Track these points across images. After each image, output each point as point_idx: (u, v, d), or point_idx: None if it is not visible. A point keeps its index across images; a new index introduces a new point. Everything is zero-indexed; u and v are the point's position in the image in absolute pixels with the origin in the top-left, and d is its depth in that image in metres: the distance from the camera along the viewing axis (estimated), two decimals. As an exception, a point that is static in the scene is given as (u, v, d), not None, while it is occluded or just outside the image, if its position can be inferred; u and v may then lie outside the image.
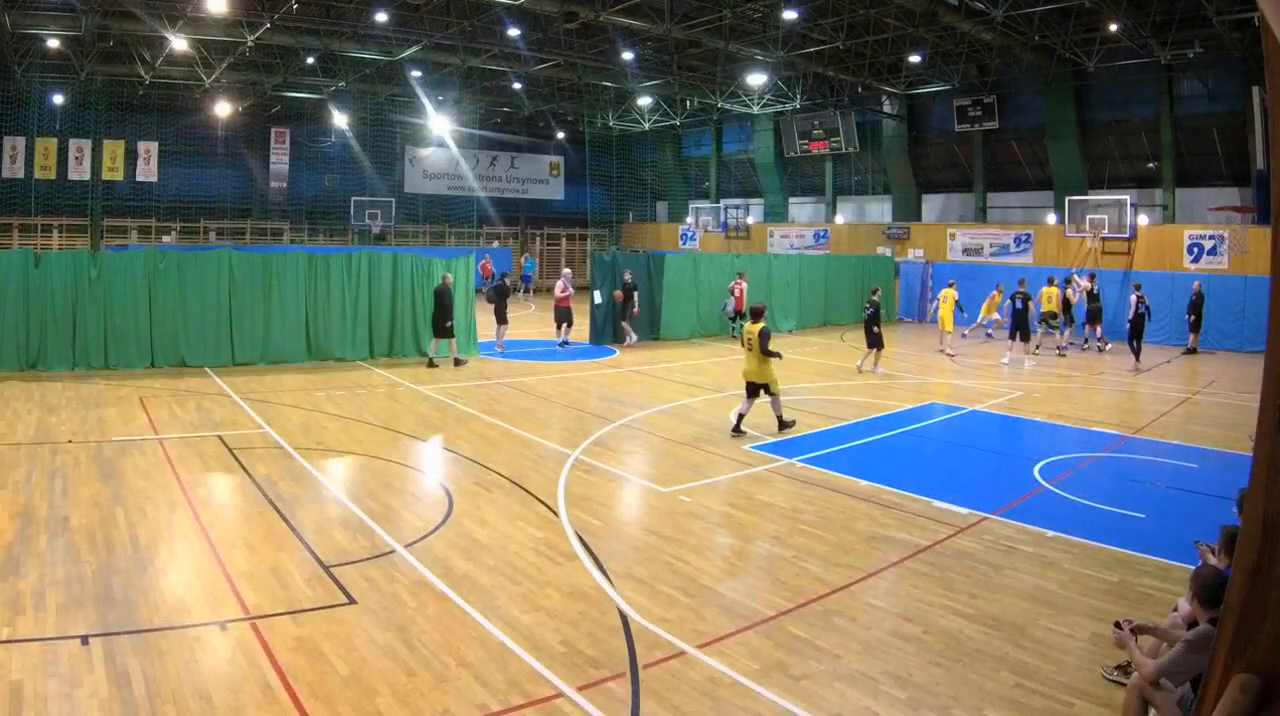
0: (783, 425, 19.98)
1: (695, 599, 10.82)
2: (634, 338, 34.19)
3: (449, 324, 28.06)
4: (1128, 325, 32.53)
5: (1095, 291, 36.43)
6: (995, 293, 37.42)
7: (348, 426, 19.85)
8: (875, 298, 29.55)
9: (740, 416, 19.78)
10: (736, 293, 38.14)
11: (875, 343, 28.73)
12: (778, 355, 19.48)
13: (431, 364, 28.22)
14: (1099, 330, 36.22)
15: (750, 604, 10.71)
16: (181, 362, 26.61)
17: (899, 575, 11.79)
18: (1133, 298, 32.64)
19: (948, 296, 35.17)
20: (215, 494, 14.77)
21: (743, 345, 20.17)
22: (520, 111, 62.93)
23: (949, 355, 32.91)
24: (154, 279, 26.48)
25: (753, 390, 19.71)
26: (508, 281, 32.67)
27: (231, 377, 25.36)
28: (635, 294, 34.36)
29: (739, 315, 37.21)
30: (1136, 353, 32.06)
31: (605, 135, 68.50)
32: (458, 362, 28.51)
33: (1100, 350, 36.04)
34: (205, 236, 58.31)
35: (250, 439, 18.29)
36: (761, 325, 19.44)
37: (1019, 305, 32.11)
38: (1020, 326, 31.96)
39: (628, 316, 34.02)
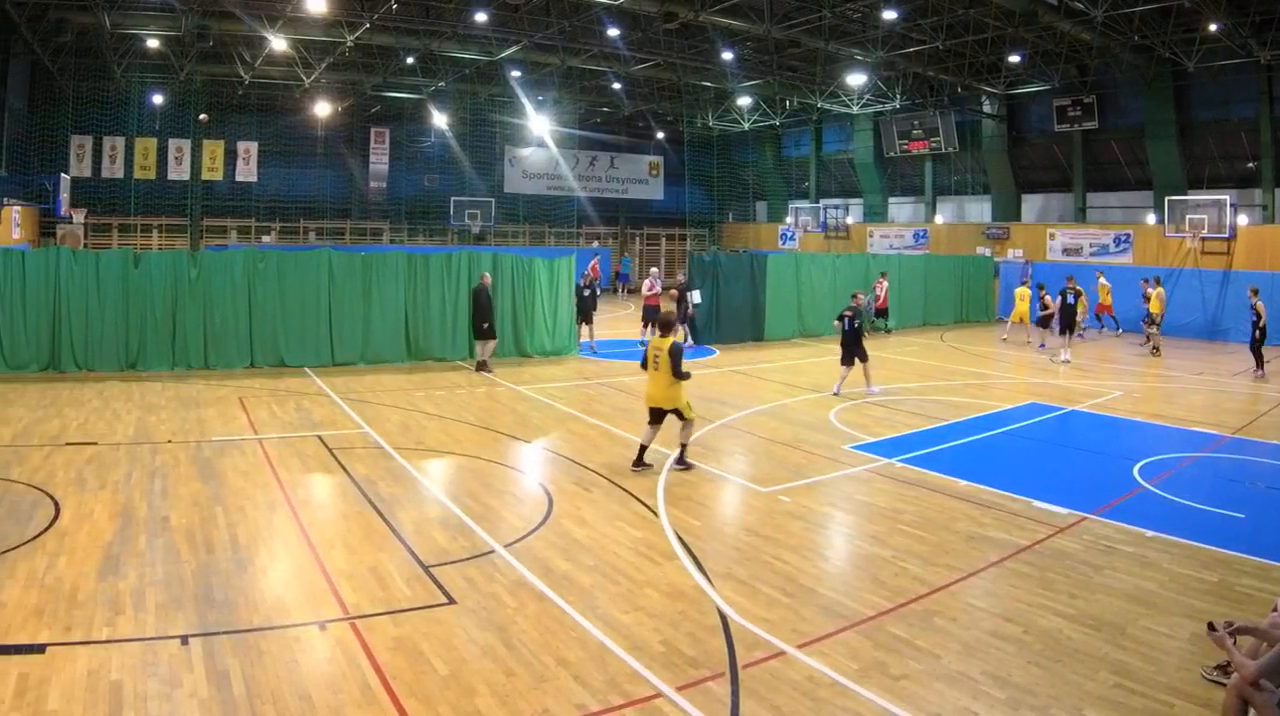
0: (683, 459, 16.79)
1: (795, 598, 10.85)
2: (689, 341, 33.73)
3: (486, 325, 27.58)
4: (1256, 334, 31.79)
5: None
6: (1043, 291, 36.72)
7: (447, 426, 19.99)
8: (856, 303, 25.47)
9: (643, 448, 16.64)
10: (880, 292, 38.30)
11: (855, 357, 24.76)
12: (688, 376, 16.38)
13: (481, 367, 27.74)
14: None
15: (850, 603, 10.73)
16: (281, 363, 27.01)
17: (998, 575, 11.78)
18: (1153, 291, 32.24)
19: (1024, 294, 35.55)
20: (315, 494, 14.94)
21: (645, 365, 16.83)
22: (620, 111, 63.24)
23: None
24: (253, 279, 26.89)
25: (657, 416, 16.62)
26: (585, 282, 32.49)
27: (331, 378, 25.68)
28: (691, 294, 34.14)
29: (881, 313, 37.35)
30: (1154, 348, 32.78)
31: (705, 135, 68.53)
32: (480, 366, 27.79)
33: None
34: (305, 236, 59.31)
35: (350, 439, 18.49)
36: (672, 341, 16.37)
37: (1070, 300, 32.08)
38: (1068, 321, 31.91)
39: (683, 317, 33.68)
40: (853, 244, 59.81)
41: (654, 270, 35.91)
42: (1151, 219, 45.97)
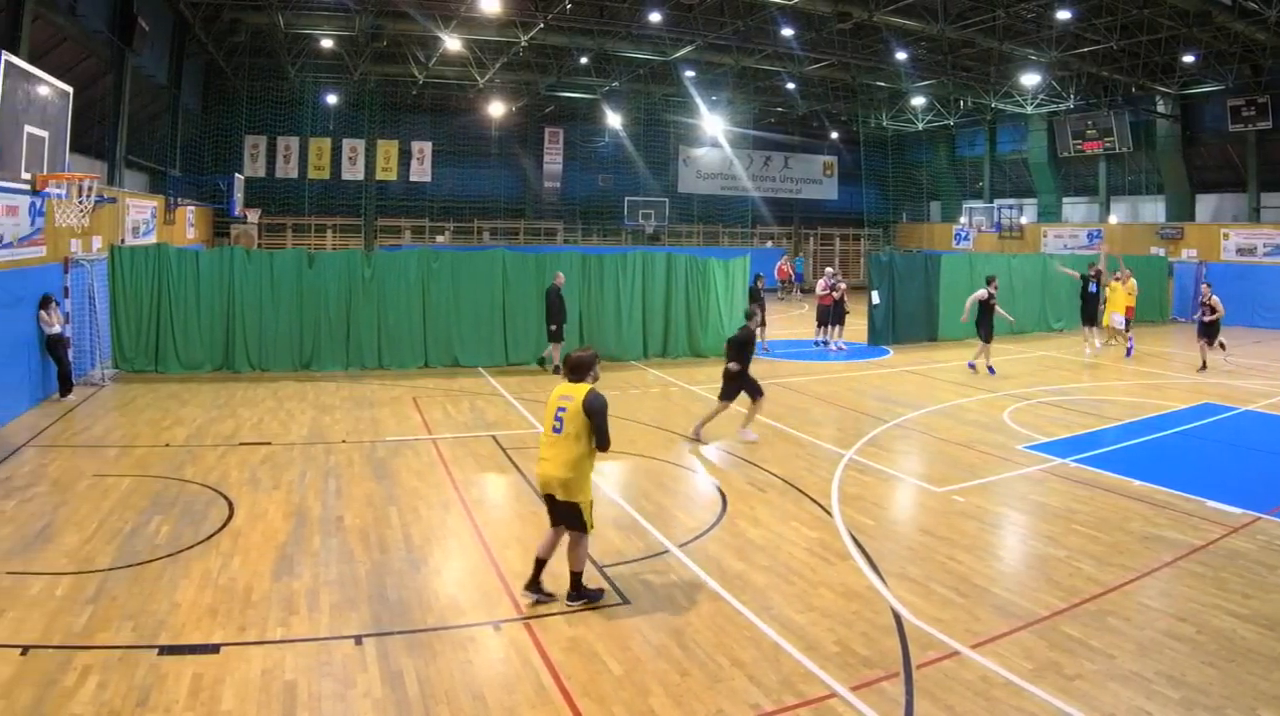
0: (580, 589, 10.67)
1: (968, 598, 10.93)
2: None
3: (554, 327, 26.79)
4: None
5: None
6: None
7: (621, 426, 19.77)
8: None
9: (539, 563, 10.73)
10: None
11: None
12: (606, 445, 10.59)
13: (552, 368, 27.05)
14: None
15: (1024, 603, 10.81)
16: (455, 363, 27.40)
17: (1172, 575, 11.79)
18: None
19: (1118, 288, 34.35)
20: (489, 494, 15.10)
21: (547, 426, 10.77)
22: (794, 111, 63.10)
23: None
24: (427, 279, 27.32)
25: (560, 511, 10.67)
26: (760, 284, 32.19)
27: (505, 377, 25.97)
28: (871, 294, 33.79)
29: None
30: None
31: (879, 135, 67.94)
32: (541, 362, 27.61)
33: None
34: (479, 236, 60.23)
35: (524, 439, 18.61)
36: (588, 388, 10.58)
37: (1092, 288, 31.52)
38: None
39: (839, 316, 33.21)
40: (1027, 244, 59.27)
41: (829, 270, 35.67)
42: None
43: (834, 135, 68.00)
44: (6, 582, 10.65)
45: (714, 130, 62.27)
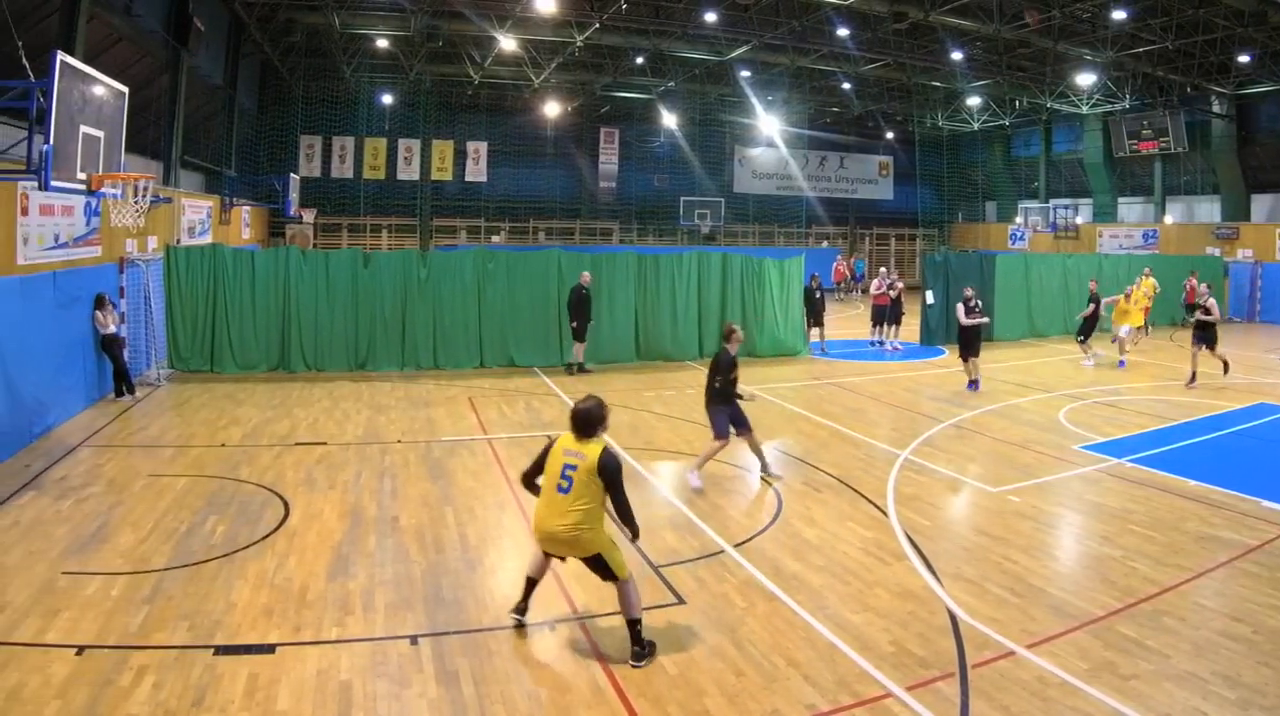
0: (641, 643, 9.24)
1: (1024, 598, 10.96)
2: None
3: (574, 325, 26.92)
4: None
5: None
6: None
7: (676, 426, 20.13)
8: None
9: (530, 582, 9.98)
10: (1188, 287, 37.94)
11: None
12: (634, 528, 9.79)
13: (580, 369, 27.07)
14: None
15: (1079, 603, 10.82)
16: (510, 362, 27.52)
17: (1228, 575, 11.79)
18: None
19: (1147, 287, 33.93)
20: (545, 494, 15.02)
21: (530, 477, 10.15)
22: (849, 111, 63.24)
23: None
24: (483, 279, 27.45)
25: (600, 565, 9.44)
26: (815, 283, 32.13)
27: (560, 378, 26.08)
28: (925, 294, 33.80)
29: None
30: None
31: (934, 135, 68.02)
32: (569, 368, 27.18)
33: None
34: (534, 236, 60.62)
35: (579, 439, 18.51)
36: (602, 446, 9.55)
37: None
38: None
39: (895, 316, 33.27)
40: (1082, 244, 59.46)
41: (883, 269, 35.78)
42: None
43: (889, 135, 68.21)
44: (62, 583, 10.75)
45: (769, 130, 62.39)
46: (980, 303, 26.00)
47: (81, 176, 14.96)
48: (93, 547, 11.94)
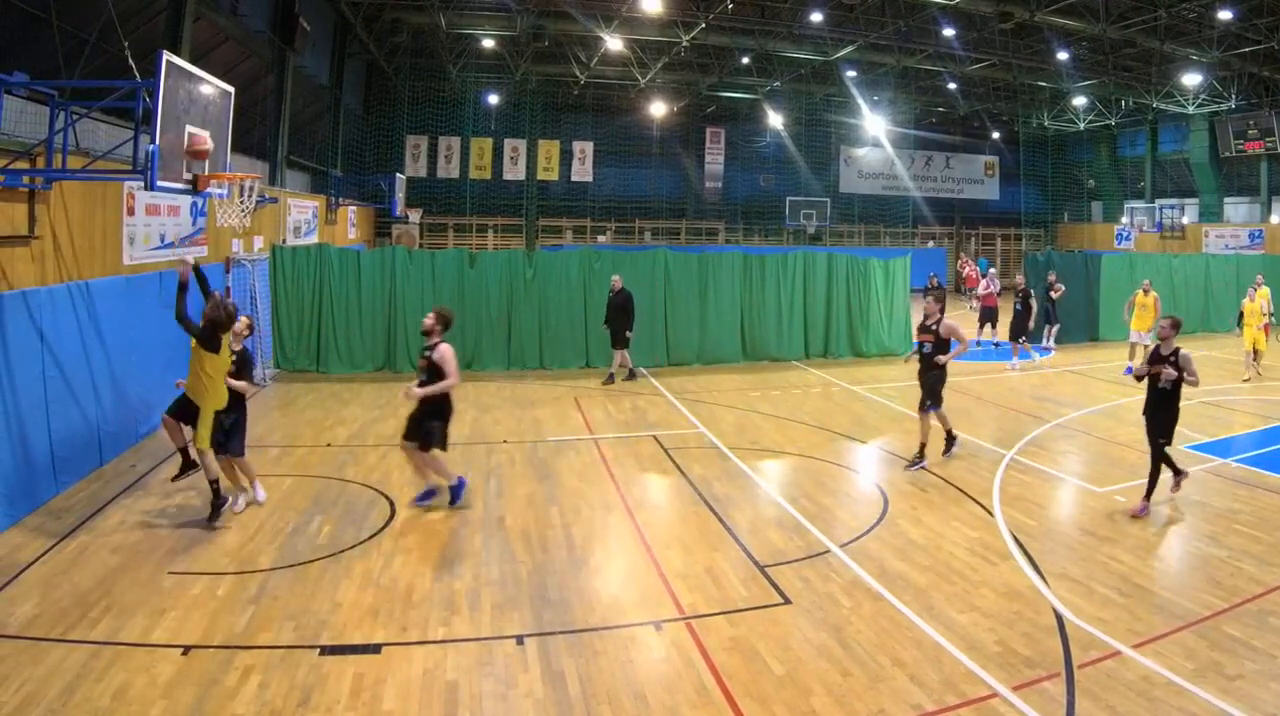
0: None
1: (1130, 598, 10.89)
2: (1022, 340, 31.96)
3: (628, 334, 25.28)
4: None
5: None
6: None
7: (782, 426, 19.99)
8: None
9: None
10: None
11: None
12: None
13: (612, 378, 25.58)
14: None
15: (1185, 603, 10.75)
16: (616, 363, 27.34)
17: None
18: None
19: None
20: (650, 494, 15.12)
21: None
22: (955, 111, 62.68)
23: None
24: (589, 279, 27.46)
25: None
26: (933, 282, 31.86)
27: (666, 378, 26.04)
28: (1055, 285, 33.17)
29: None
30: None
31: (1040, 135, 67.32)
32: (611, 378, 25.46)
33: None
34: (640, 236, 60.67)
35: (685, 439, 18.64)
36: None
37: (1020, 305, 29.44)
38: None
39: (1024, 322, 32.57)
40: (1188, 244, 58.52)
41: (991, 270, 35.37)
42: None
43: (995, 135, 67.41)
44: (168, 583, 10.91)
45: (875, 130, 62.08)
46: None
47: (188, 176, 15.15)
48: (199, 548, 12.12)
